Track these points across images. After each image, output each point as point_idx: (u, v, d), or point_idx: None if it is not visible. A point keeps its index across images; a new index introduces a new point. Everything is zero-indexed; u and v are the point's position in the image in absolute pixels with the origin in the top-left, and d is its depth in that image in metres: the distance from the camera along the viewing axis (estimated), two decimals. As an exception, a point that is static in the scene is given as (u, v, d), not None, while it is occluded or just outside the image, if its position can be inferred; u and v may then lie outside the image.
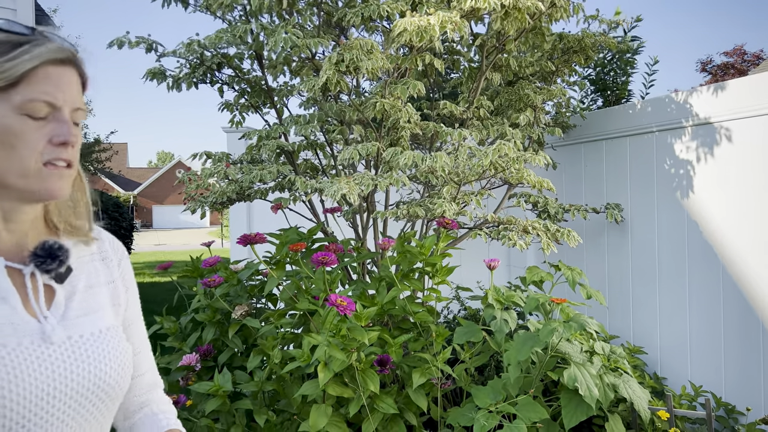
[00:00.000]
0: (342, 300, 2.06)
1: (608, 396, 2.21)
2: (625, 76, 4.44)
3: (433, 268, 2.59)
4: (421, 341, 2.56)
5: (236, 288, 2.85)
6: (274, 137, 2.88)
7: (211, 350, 2.92)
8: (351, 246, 2.88)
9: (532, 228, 2.79)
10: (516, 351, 2.18)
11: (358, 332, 2.19)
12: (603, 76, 4.54)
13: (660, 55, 4.80)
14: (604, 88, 4.54)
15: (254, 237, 2.42)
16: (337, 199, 2.31)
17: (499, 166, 2.51)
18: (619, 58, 4.33)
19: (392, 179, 2.44)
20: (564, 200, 3.87)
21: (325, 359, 2.23)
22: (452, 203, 2.59)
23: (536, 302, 2.28)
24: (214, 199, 3.16)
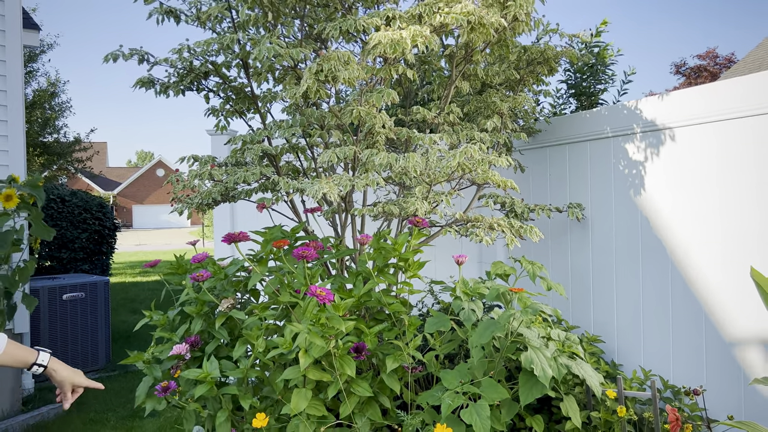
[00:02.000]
0: (321, 291, 2.27)
1: (561, 372, 2.45)
2: (602, 84, 4.70)
3: (406, 263, 2.81)
4: (394, 331, 2.78)
5: (223, 282, 3.04)
6: (258, 141, 3.08)
7: (199, 341, 3.11)
8: (330, 243, 3.09)
9: (497, 225, 3.02)
10: (478, 336, 2.40)
11: (336, 321, 2.41)
12: (581, 83, 4.80)
13: (635, 58, 5.08)
14: (580, 94, 4.80)
15: (238, 235, 2.62)
16: (318, 198, 2.52)
17: (466, 167, 2.74)
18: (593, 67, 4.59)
19: (368, 180, 2.65)
20: (531, 201, 4.12)
21: (305, 346, 2.44)
22: (424, 202, 2.81)
23: (497, 292, 2.51)
24: (200, 200, 3.35)
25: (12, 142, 4.68)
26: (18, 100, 4.70)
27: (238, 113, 3.36)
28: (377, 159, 2.58)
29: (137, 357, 2.85)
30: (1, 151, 4.64)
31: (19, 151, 4.71)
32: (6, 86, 4.65)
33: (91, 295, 6.09)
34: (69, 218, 7.22)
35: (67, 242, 7.18)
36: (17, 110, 4.70)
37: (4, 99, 4.65)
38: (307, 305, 2.39)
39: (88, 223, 7.38)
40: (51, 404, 4.74)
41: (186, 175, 2.96)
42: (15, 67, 4.70)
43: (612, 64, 4.56)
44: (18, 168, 4.69)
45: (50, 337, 5.76)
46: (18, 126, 4.70)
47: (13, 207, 4.14)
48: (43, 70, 16.36)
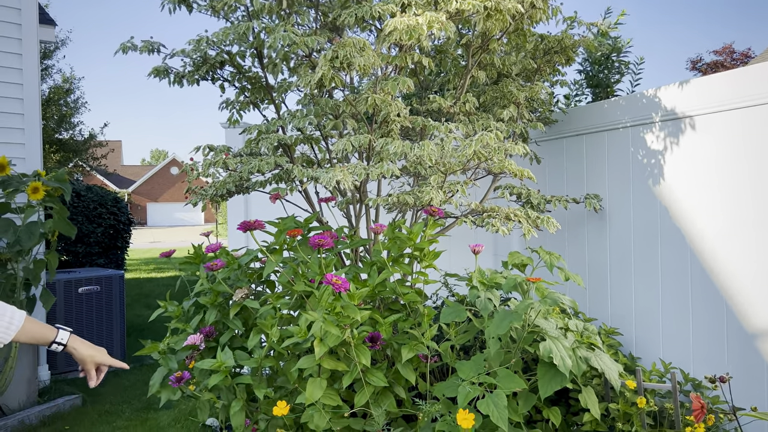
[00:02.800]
0: (337, 279, 2.25)
1: (580, 367, 2.41)
2: (618, 74, 4.65)
3: (421, 253, 2.78)
4: (409, 321, 2.75)
5: (237, 272, 3.03)
6: (272, 131, 3.07)
7: (213, 332, 3.10)
8: (345, 233, 3.07)
9: (514, 215, 2.99)
10: (495, 326, 2.37)
11: (351, 310, 2.38)
12: (596, 74, 4.75)
13: (650, 54, 5.04)
14: (596, 85, 4.75)
15: (253, 223, 2.61)
16: (333, 186, 2.50)
17: (482, 155, 2.70)
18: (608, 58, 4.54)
19: (383, 169, 2.63)
20: (547, 192, 4.08)
21: (321, 335, 2.42)
22: (439, 191, 2.78)
23: (514, 282, 2.48)
24: (215, 192, 3.34)
25: (29, 135, 4.71)
26: (34, 95, 4.73)
27: (252, 104, 3.35)
28: (392, 147, 2.55)
29: (152, 347, 2.85)
30: (18, 144, 4.67)
31: (36, 145, 4.74)
32: (23, 80, 4.68)
33: (106, 288, 6.12)
34: (84, 213, 7.27)
35: (83, 237, 7.23)
36: (34, 104, 4.73)
37: (21, 93, 4.67)
38: (323, 294, 2.37)
39: (103, 218, 7.43)
40: (67, 396, 4.77)
41: (200, 164, 2.95)
42: (31, 62, 4.72)
43: (627, 53, 4.50)
44: (35, 161, 4.72)
45: (66, 330, 5.79)
46: (35, 120, 4.73)
47: (39, 199, 4.17)
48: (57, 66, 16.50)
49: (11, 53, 4.61)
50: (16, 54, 4.65)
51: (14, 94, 4.63)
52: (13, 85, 4.63)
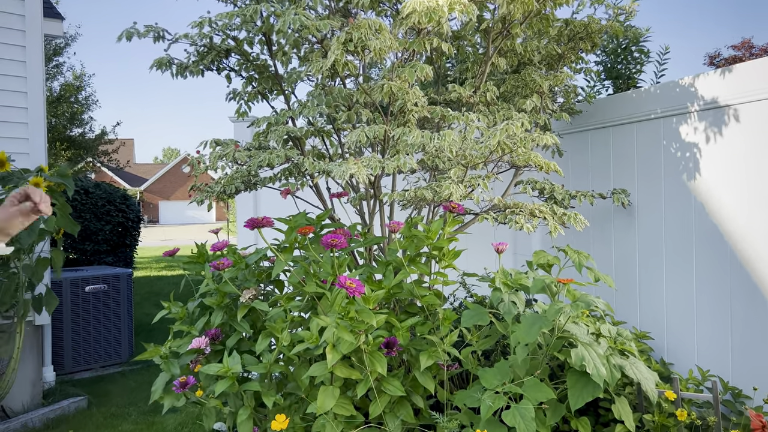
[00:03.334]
0: (351, 282, 2.08)
1: (615, 376, 2.22)
2: (638, 65, 4.44)
3: (440, 252, 2.60)
4: (428, 325, 2.57)
5: (244, 272, 2.87)
6: (282, 123, 2.89)
7: (220, 334, 2.94)
8: (358, 231, 2.90)
9: (539, 211, 2.79)
10: (523, 332, 2.18)
11: (366, 314, 2.21)
12: (615, 65, 4.54)
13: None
14: (616, 77, 4.54)
15: (261, 220, 2.43)
16: (345, 180, 2.32)
17: (506, 147, 2.51)
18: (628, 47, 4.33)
19: (399, 162, 2.45)
20: (570, 187, 3.87)
21: (333, 341, 2.25)
22: (459, 185, 2.60)
23: (542, 283, 2.29)
24: (221, 188, 3.18)
25: (32, 130, 4.57)
26: (38, 88, 4.60)
27: (261, 95, 3.18)
28: (410, 137, 2.37)
29: (154, 351, 2.69)
30: (22, 139, 4.54)
31: (40, 140, 4.61)
32: (26, 72, 4.55)
33: (113, 287, 5.99)
34: (92, 210, 7.15)
35: (91, 234, 7.11)
36: (37, 99, 4.59)
37: (24, 86, 4.54)
38: (335, 297, 2.20)
39: (111, 215, 7.31)
40: (72, 398, 4.63)
41: (207, 157, 2.78)
42: (35, 55, 4.59)
43: (646, 41, 4.29)
44: (39, 157, 4.59)
45: (73, 329, 5.68)
46: (38, 114, 4.59)
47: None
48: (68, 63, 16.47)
49: (14, 45, 4.47)
50: (18, 46, 4.51)
51: (17, 87, 4.50)
52: (16, 78, 4.49)
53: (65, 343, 5.63)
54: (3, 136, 4.42)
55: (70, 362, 5.65)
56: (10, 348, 4.13)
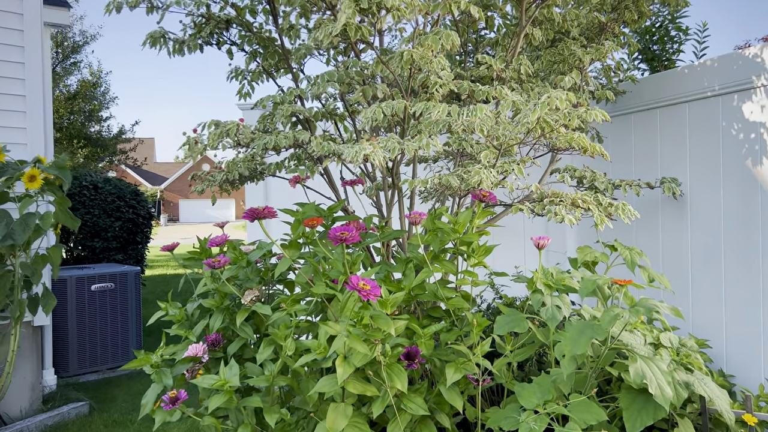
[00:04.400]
0: (365, 283, 1.74)
1: (681, 396, 1.85)
2: (676, 44, 4.04)
3: (469, 248, 2.25)
4: (455, 332, 2.22)
5: (246, 270, 2.55)
6: (289, 102, 2.57)
7: (220, 340, 2.63)
8: (374, 224, 2.56)
9: (582, 201, 2.43)
10: (571, 342, 1.83)
11: (382, 321, 1.87)
12: (650, 46, 4.15)
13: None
14: (651, 58, 4.15)
15: (263, 211, 2.10)
16: (359, 163, 1.98)
17: (546, 125, 2.15)
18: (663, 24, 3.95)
19: (421, 143, 2.10)
20: (612, 176, 3.49)
21: (344, 352, 1.91)
22: (491, 171, 2.24)
23: (593, 285, 1.92)
24: (224, 177, 2.87)
25: (31, 119, 4.31)
26: (36, 75, 4.33)
27: (266, 73, 2.85)
28: (434, 113, 2.02)
29: (144, 359, 2.37)
30: (19, 128, 4.27)
31: (38, 129, 4.34)
32: (24, 58, 4.28)
33: (120, 285, 5.73)
34: (102, 206, 6.91)
35: (100, 231, 6.87)
36: (36, 86, 4.33)
37: (22, 72, 4.28)
38: (346, 301, 1.86)
39: (121, 211, 7.06)
40: (73, 403, 4.37)
41: (206, 137, 2.46)
42: (33, 39, 4.32)
43: (683, 16, 3.89)
44: (38, 147, 4.32)
45: (78, 329, 5.42)
46: (37, 103, 4.33)
47: (36, 188, 3.76)
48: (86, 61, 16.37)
49: (11, 29, 4.21)
50: (16, 30, 4.25)
51: (14, 74, 4.23)
52: (13, 64, 4.23)
53: (70, 344, 5.38)
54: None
55: (75, 364, 5.40)
56: (4, 351, 3.87)
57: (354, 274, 2.22)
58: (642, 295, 3.28)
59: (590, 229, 3.64)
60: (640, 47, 3.45)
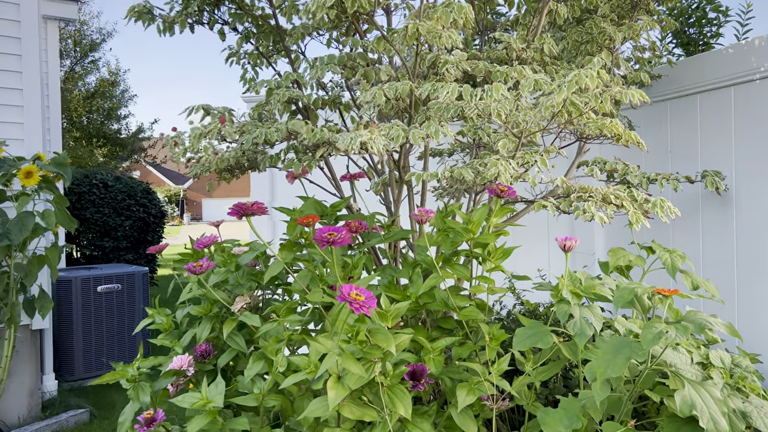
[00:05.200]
0: (357, 293, 1.47)
1: (737, 428, 1.55)
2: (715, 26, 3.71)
3: (484, 250, 1.97)
4: (468, 346, 1.94)
5: (236, 275, 2.30)
6: (285, 87, 2.31)
7: (210, 350, 2.39)
8: (380, 223, 2.29)
9: (615, 197, 2.13)
10: (605, 362, 1.54)
11: (381, 337, 1.60)
12: (686, 29, 3.81)
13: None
14: (687, 42, 3.82)
15: (251, 207, 1.85)
16: (355, 149, 1.71)
17: (574, 108, 1.86)
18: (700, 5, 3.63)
19: (429, 130, 1.83)
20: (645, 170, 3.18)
21: (338, 371, 1.65)
22: (510, 162, 1.96)
23: (631, 294, 1.63)
24: (215, 167, 2.63)
25: (28, 113, 4.12)
26: (34, 68, 4.14)
27: (263, 57, 2.60)
28: (443, 94, 1.75)
29: (119, 373, 2.13)
30: (16, 123, 4.09)
31: (37, 124, 4.16)
32: (21, 50, 4.09)
33: (128, 286, 5.55)
34: (112, 204, 6.75)
35: (110, 230, 6.71)
36: (34, 79, 4.14)
37: (19, 65, 4.09)
38: (338, 312, 1.59)
39: (131, 210, 6.89)
40: (72, 410, 4.18)
41: (187, 136, 2.21)
42: (30, 31, 4.13)
43: None
44: (36, 143, 4.13)
45: (84, 332, 5.25)
46: (35, 96, 4.14)
47: (33, 185, 3.57)
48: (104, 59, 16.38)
49: (6, 20, 4.02)
50: (11, 21, 4.06)
51: (10, 66, 4.05)
52: (9, 56, 4.04)
53: (75, 347, 5.20)
54: (-7, 119, 3.98)
55: (81, 368, 5.22)
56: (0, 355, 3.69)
57: (352, 280, 1.96)
58: (684, 304, 2.96)
59: (621, 228, 3.32)
60: (676, 26, 3.13)
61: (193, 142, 2.14)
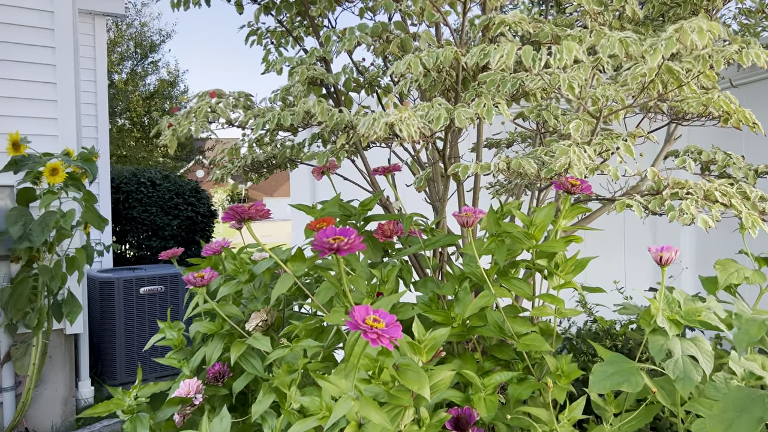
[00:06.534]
0: (376, 318, 1.08)
1: None
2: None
3: (551, 261, 1.54)
4: (530, 383, 1.52)
5: (251, 286, 1.95)
6: (308, 65, 1.95)
7: (226, 372, 2.06)
8: (422, 226, 1.89)
9: (722, 194, 1.66)
10: (725, 424, 1.09)
11: (412, 376, 1.20)
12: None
13: None
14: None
15: (248, 210, 1.48)
16: (377, 133, 1.33)
17: (672, 77, 1.42)
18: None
19: (479, 108, 1.42)
20: (750, 161, 2.65)
21: (356, 418, 1.27)
22: (585, 150, 1.52)
23: (763, 329, 1.17)
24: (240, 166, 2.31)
25: (62, 108, 3.94)
26: (68, 61, 3.96)
27: (288, 33, 2.25)
28: (496, 57, 1.33)
29: (114, 403, 1.82)
30: (50, 119, 3.92)
31: (71, 120, 3.97)
32: (54, 42, 3.92)
33: (171, 288, 5.36)
34: (159, 203, 6.61)
35: (157, 230, 6.58)
36: (67, 72, 3.96)
37: (53, 57, 3.92)
38: (353, 343, 1.20)
39: (179, 209, 6.74)
40: (106, 420, 3.98)
41: (182, 112, 1.88)
42: (64, 21, 3.95)
43: None
44: (69, 139, 3.94)
45: (126, 335, 5.08)
46: (69, 90, 3.96)
47: (59, 183, 3.37)
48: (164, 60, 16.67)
49: (36, 10, 3.85)
50: (44, 11, 3.89)
51: (42, 59, 3.88)
52: (41, 48, 3.87)
53: (118, 350, 5.04)
54: (24, 115, 3.81)
55: (123, 372, 5.05)
56: (25, 364, 3.51)
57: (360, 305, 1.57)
58: None
59: (714, 233, 2.80)
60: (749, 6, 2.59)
61: (181, 122, 1.80)
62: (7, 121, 3.74)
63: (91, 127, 6.04)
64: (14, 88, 3.79)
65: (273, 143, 2.29)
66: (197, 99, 1.84)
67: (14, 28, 3.78)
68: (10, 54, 3.77)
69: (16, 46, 3.79)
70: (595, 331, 2.57)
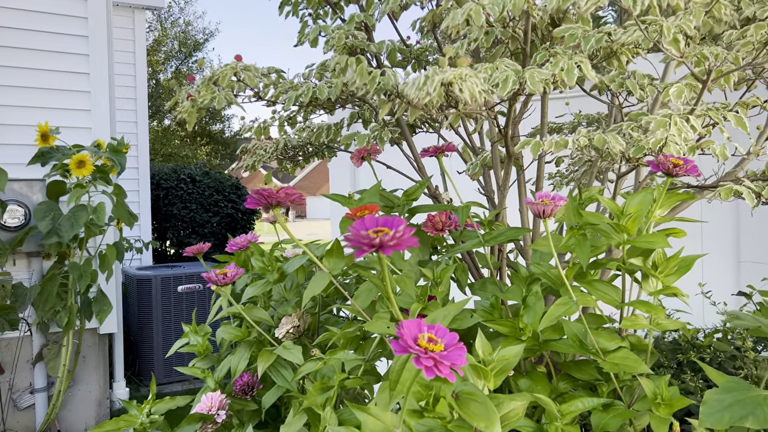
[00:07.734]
0: (431, 337, 0.80)
1: None
2: None
3: (646, 260, 1.24)
4: (618, 410, 1.22)
5: (281, 286, 1.70)
6: (346, 32, 1.68)
7: (255, 384, 1.82)
8: (478, 219, 1.61)
9: None
10: None
11: (477, 408, 0.92)
12: None
13: None
14: None
15: (276, 194, 1.22)
16: (433, 95, 1.05)
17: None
18: None
19: (557, 69, 1.13)
20: None
21: (404, 459, 0.99)
22: (684, 122, 1.22)
23: None
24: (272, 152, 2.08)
25: (96, 100, 3.80)
26: (102, 51, 3.82)
27: (326, 1, 2.00)
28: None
29: (124, 420, 1.59)
30: (83, 110, 3.78)
31: (105, 112, 3.83)
32: (87, 31, 3.78)
33: (209, 287, 5.19)
34: (199, 200, 6.49)
35: (197, 227, 6.46)
36: (101, 62, 3.82)
37: (86, 47, 3.78)
38: (401, 367, 0.93)
39: (219, 206, 6.61)
40: (140, 423, 3.82)
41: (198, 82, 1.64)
42: (98, 10, 3.81)
43: None
44: (102, 132, 3.80)
45: (164, 334, 4.95)
46: (103, 81, 3.82)
47: (86, 175, 3.21)
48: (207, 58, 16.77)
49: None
50: None
51: (74, 48, 3.74)
52: (73, 38, 3.74)
53: (155, 350, 4.91)
54: (55, 107, 3.68)
55: (161, 373, 4.93)
56: (56, 366, 3.37)
57: (433, 304, 1.29)
58: None
59: None
60: None
61: (203, 93, 1.57)
62: (39, 113, 3.61)
63: (131, 122, 5.95)
64: (46, 79, 3.67)
65: (308, 128, 2.05)
66: (220, 68, 1.60)
67: (45, 16, 3.65)
68: (42, 44, 3.65)
69: (47, 35, 3.66)
70: (676, 341, 2.23)
